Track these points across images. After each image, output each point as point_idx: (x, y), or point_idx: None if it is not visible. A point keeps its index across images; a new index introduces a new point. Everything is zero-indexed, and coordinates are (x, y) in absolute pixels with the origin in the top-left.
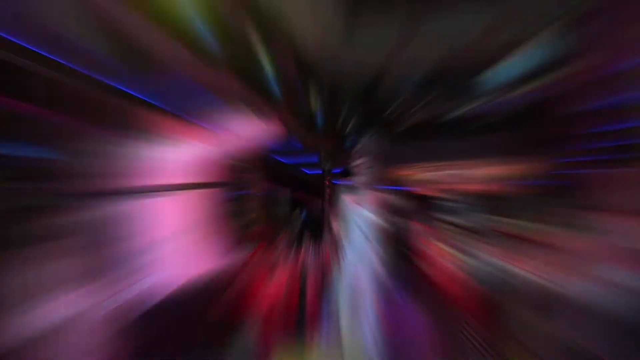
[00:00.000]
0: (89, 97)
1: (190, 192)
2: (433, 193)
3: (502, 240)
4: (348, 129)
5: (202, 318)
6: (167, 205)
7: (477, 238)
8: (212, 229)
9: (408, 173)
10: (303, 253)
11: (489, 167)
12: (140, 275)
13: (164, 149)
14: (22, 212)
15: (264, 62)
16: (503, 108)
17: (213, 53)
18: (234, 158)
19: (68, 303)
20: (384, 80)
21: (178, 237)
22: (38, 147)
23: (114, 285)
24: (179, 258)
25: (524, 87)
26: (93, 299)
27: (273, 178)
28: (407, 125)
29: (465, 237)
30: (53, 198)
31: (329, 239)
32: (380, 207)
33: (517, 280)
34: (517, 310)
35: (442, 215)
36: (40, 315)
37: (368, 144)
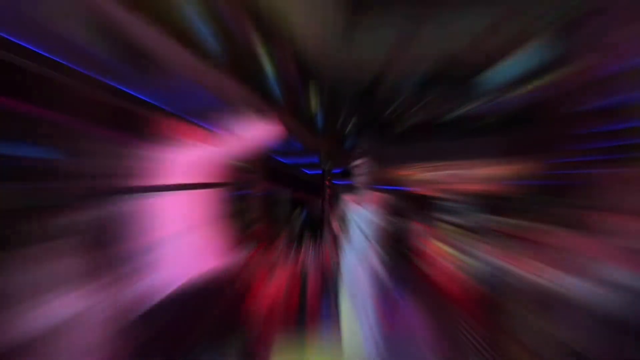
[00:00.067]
0: (90, 97)
1: (190, 192)
2: (433, 193)
3: (501, 240)
4: (348, 130)
5: (202, 318)
6: (167, 205)
7: (476, 238)
8: (212, 229)
9: (408, 173)
10: (303, 253)
11: (488, 167)
12: (141, 275)
13: (164, 149)
14: (22, 212)
15: (265, 63)
16: (502, 108)
17: (214, 54)
18: (234, 158)
19: (68, 303)
20: (384, 81)
21: (178, 237)
22: (38, 147)
23: (114, 285)
24: (179, 258)
25: (523, 87)
26: (93, 299)
27: (273, 178)
28: (406, 126)
29: (465, 237)
30: (53, 198)
31: (329, 239)
32: (380, 207)
33: (516, 280)
34: (516, 310)
35: (441, 215)
36: (41, 315)
37: (368, 144)
